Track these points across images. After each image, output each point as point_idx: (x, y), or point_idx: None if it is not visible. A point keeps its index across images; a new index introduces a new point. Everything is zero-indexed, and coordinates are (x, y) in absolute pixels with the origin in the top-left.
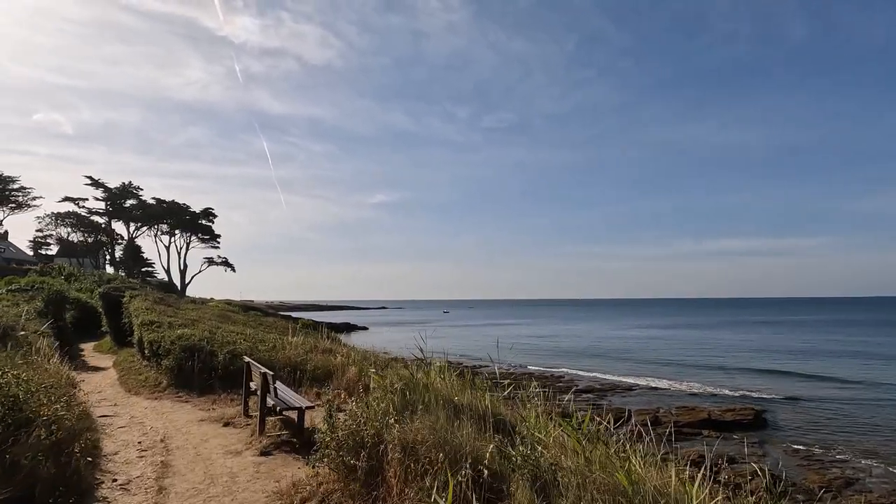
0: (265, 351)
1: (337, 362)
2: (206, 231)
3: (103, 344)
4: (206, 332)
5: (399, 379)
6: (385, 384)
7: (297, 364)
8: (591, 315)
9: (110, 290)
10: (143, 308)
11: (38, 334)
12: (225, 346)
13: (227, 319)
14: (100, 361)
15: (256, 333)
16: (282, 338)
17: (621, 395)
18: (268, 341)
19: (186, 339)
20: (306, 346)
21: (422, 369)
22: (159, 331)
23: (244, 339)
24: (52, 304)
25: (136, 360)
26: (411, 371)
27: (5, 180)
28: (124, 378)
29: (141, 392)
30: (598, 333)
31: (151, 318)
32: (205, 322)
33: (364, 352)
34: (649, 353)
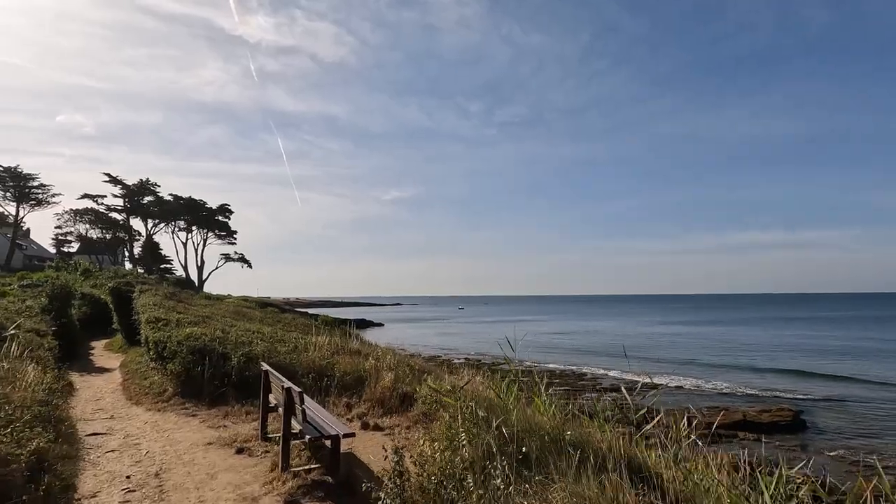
0: (285, 353)
1: (369, 367)
2: (222, 227)
3: (114, 342)
4: (217, 332)
5: (479, 403)
6: (462, 411)
7: (322, 369)
8: (609, 311)
9: (120, 285)
10: (150, 304)
11: (33, 333)
12: (239, 347)
13: (243, 316)
14: (107, 362)
15: (275, 332)
16: (303, 337)
17: (650, 393)
18: (288, 341)
19: (195, 339)
20: (332, 347)
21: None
22: (165, 329)
23: (261, 339)
24: (56, 300)
25: (144, 361)
26: (497, 392)
27: (25, 178)
28: (128, 383)
29: (143, 401)
30: (618, 330)
31: (157, 314)
32: (218, 320)
33: (395, 353)
34: (673, 351)
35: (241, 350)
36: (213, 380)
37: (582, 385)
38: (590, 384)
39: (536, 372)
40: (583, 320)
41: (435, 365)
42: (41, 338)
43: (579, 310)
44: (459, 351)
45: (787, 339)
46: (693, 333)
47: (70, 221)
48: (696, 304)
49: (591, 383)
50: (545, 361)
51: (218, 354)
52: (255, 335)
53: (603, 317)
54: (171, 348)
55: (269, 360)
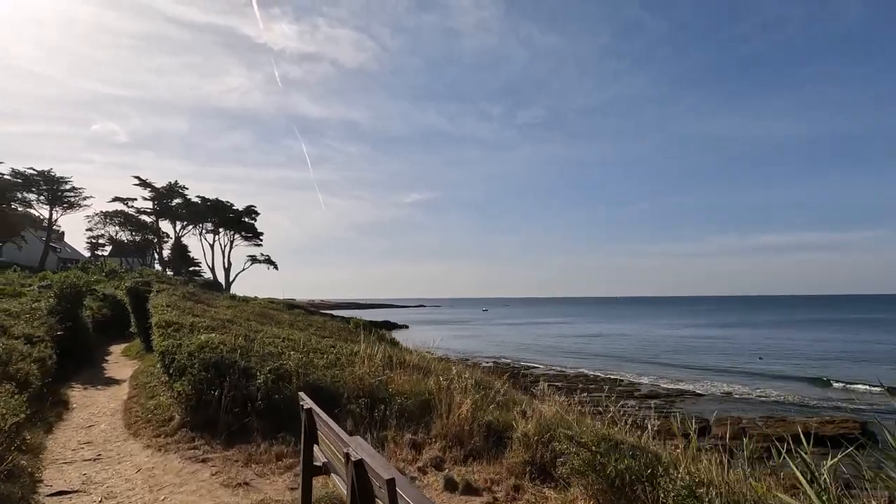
0: (324, 368)
1: (433, 386)
2: (248, 229)
3: (132, 347)
4: (239, 339)
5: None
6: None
7: (373, 390)
8: (631, 313)
9: (138, 284)
10: (162, 305)
11: (22, 340)
12: (267, 361)
13: (270, 319)
14: (119, 371)
15: (308, 339)
16: (342, 345)
17: (691, 401)
18: (325, 351)
19: (211, 349)
20: (382, 360)
21: None
22: (176, 336)
23: (293, 349)
24: (64, 300)
25: (157, 372)
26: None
27: (58, 181)
28: (132, 402)
29: (143, 432)
30: (649, 332)
31: (168, 317)
32: (241, 324)
33: (466, 367)
34: (710, 355)
35: (268, 365)
36: (232, 406)
37: (619, 391)
38: (626, 390)
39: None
40: (607, 323)
41: (495, 376)
42: (32, 346)
43: (601, 312)
44: (490, 354)
45: (832, 344)
46: (727, 336)
47: (101, 224)
48: (721, 306)
49: (628, 389)
50: (576, 366)
51: (239, 371)
52: (285, 343)
53: (627, 319)
54: (180, 362)
55: (305, 378)
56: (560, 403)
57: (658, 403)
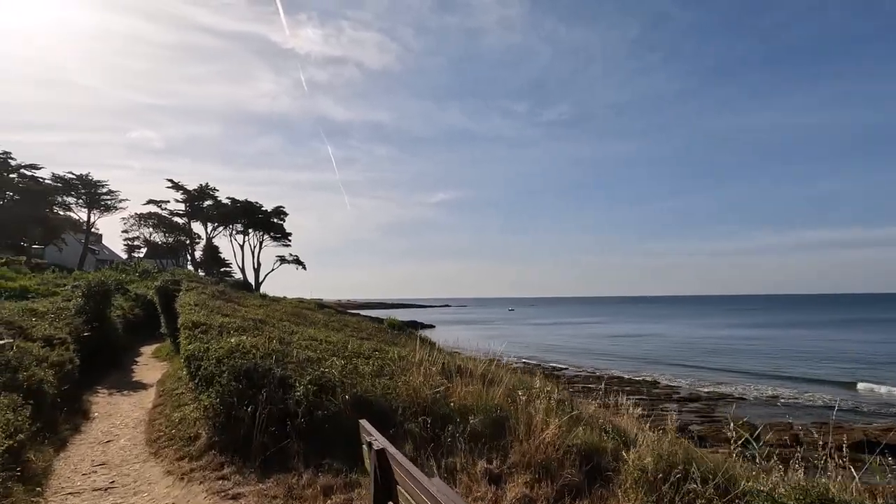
0: (371, 376)
1: (499, 398)
2: (277, 230)
3: (162, 348)
4: (274, 342)
5: None
6: None
7: (430, 404)
8: (667, 313)
9: (167, 283)
10: (189, 303)
11: (40, 342)
12: (306, 367)
13: (303, 319)
14: (147, 374)
15: (346, 341)
16: (387, 349)
17: (735, 405)
18: (368, 355)
19: (242, 354)
20: (437, 367)
21: None
22: (203, 339)
23: (332, 353)
24: (92, 299)
25: (184, 377)
26: None
27: (95, 184)
28: (157, 413)
29: (165, 452)
30: (683, 333)
31: (195, 317)
32: (274, 324)
33: (540, 373)
34: (750, 356)
35: (308, 373)
36: (267, 423)
37: (657, 394)
38: (665, 393)
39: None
40: (638, 323)
41: (561, 382)
42: (51, 348)
43: (631, 311)
44: (518, 355)
45: (880, 346)
46: (768, 337)
47: (135, 225)
48: (760, 306)
49: (666, 392)
50: (608, 368)
51: (275, 380)
52: (324, 347)
53: (659, 319)
54: (208, 369)
55: (352, 390)
56: (634, 417)
57: (699, 407)
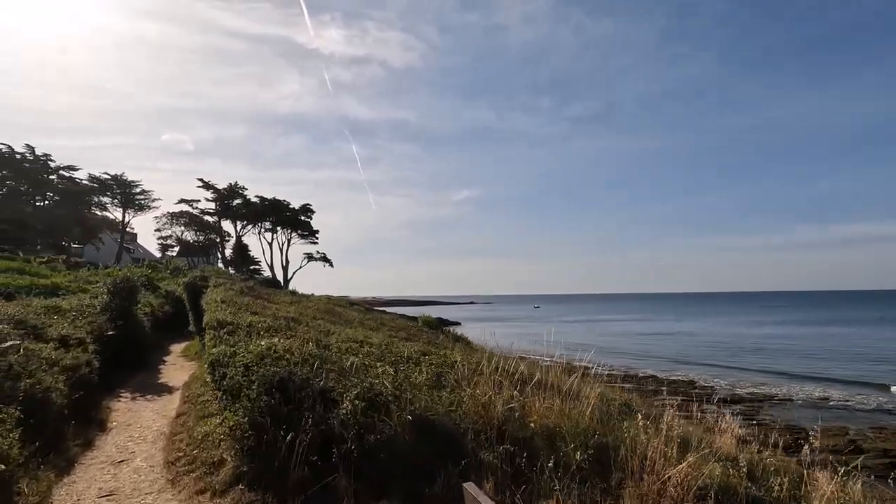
0: (427, 387)
1: (590, 422)
2: (304, 227)
3: (191, 347)
4: (310, 346)
5: None
6: None
7: (503, 423)
8: (701, 310)
9: (195, 279)
10: (216, 300)
11: (54, 344)
12: (351, 377)
13: (337, 318)
14: (175, 374)
15: (390, 342)
16: (435, 351)
17: (780, 407)
18: (415, 359)
19: (275, 360)
20: (496, 374)
21: None
22: (229, 341)
23: (378, 358)
24: (117, 296)
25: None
26: None
27: (129, 184)
28: (179, 425)
29: (183, 481)
30: (719, 331)
31: (221, 316)
32: (307, 324)
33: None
34: (793, 356)
35: (355, 384)
36: (308, 452)
37: (695, 395)
38: (702, 394)
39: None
40: (671, 320)
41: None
42: (66, 350)
43: (663, 309)
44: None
45: None
46: (811, 335)
47: (168, 224)
48: (800, 302)
49: (705, 392)
50: (642, 367)
51: (314, 394)
52: (366, 350)
53: (693, 316)
54: (234, 378)
55: (410, 407)
56: (738, 436)
57: (742, 409)
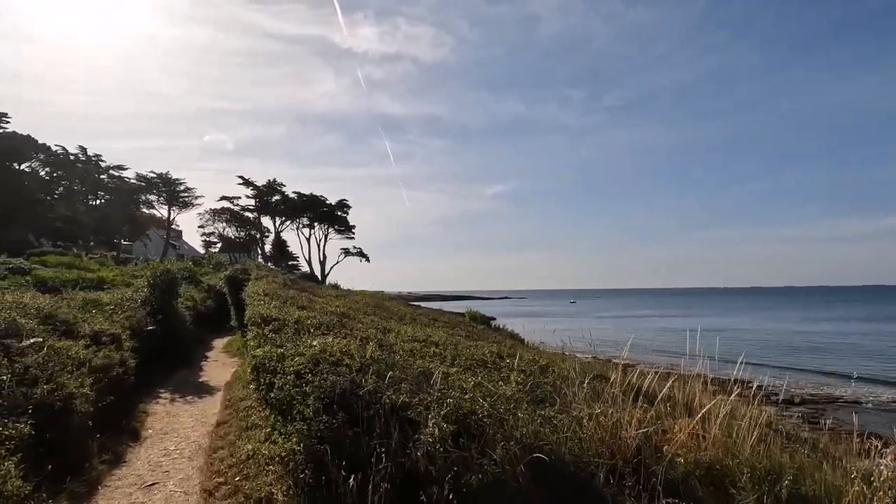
0: (525, 403)
1: (750, 448)
2: (341, 222)
3: (233, 342)
4: (372, 348)
5: None
6: None
7: (634, 454)
8: (746, 305)
9: (237, 272)
10: (258, 293)
11: (84, 341)
12: (426, 387)
13: (389, 312)
14: (216, 372)
15: (455, 342)
16: (512, 352)
17: (847, 410)
18: (494, 363)
19: (332, 365)
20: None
21: None
22: (275, 340)
23: (451, 361)
24: (157, 289)
25: (251, 382)
26: None
27: (174, 182)
28: (219, 437)
29: None
30: (769, 327)
31: (265, 310)
32: (359, 320)
33: None
34: (855, 355)
35: (436, 398)
36: (385, 498)
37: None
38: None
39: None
40: (715, 316)
41: None
42: (97, 347)
43: (704, 304)
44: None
45: None
46: (874, 333)
47: (210, 220)
48: (858, 297)
49: (764, 394)
50: (687, 366)
51: (384, 412)
52: (432, 351)
53: (738, 312)
54: (284, 388)
55: (514, 433)
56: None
57: (804, 411)
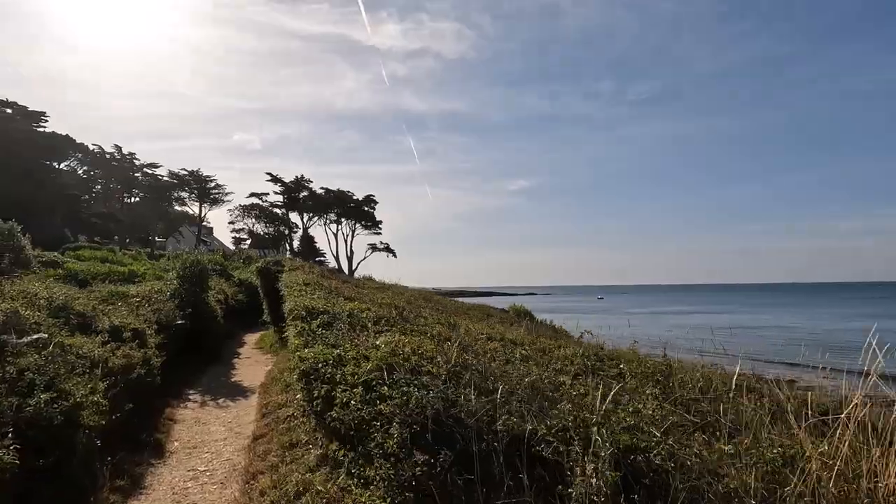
0: (680, 424)
1: None
2: (368, 218)
3: (265, 337)
4: (453, 348)
5: None
6: None
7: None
8: (773, 301)
9: (269, 264)
10: (298, 282)
11: (101, 337)
12: (545, 406)
13: (439, 305)
14: (250, 371)
15: (534, 341)
16: (658, 364)
17: None
18: (586, 368)
19: (412, 375)
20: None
21: None
22: (327, 338)
23: (542, 366)
24: (187, 282)
25: (296, 391)
26: None
27: (205, 179)
28: (258, 457)
29: None
30: (806, 324)
31: (310, 301)
32: (420, 313)
33: None
34: None
35: (601, 434)
36: None
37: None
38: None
39: None
40: (748, 313)
41: None
42: (116, 345)
43: (733, 300)
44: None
45: None
46: None
47: (240, 217)
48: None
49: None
50: (725, 364)
51: (503, 444)
52: (518, 353)
53: (767, 308)
54: (350, 407)
55: (693, 481)
56: None
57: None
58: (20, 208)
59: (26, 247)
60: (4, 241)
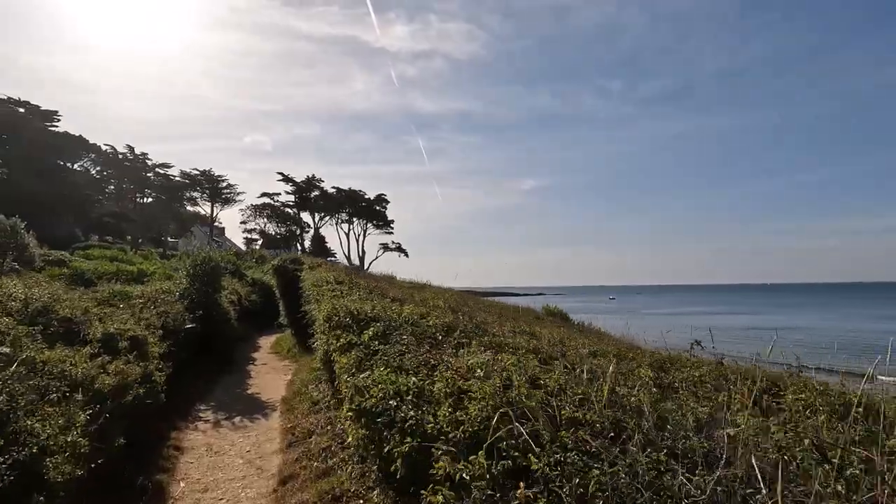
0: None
1: None
2: (380, 217)
3: (282, 341)
4: (559, 370)
5: None
6: None
7: None
8: (793, 301)
9: (286, 262)
10: (327, 281)
11: (94, 347)
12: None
13: (481, 306)
14: (267, 382)
15: (606, 348)
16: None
17: None
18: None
19: (533, 413)
20: None
21: None
22: (388, 359)
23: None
24: (197, 280)
25: (352, 437)
26: None
27: (216, 179)
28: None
29: None
30: (833, 326)
31: (352, 304)
32: (484, 319)
33: None
34: None
35: None
36: None
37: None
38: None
39: None
40: (769, 313)
41: None
42: (110, 359)
43: (753, 300)
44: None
45: None
46: None
47: (252, 216)
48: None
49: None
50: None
51: None
52: (605, 366)
53: (789, 308)
54: (462, 487)
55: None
56: None
57: None
58: (32, 207)
59: (30, 244)
60: (7, 238)
